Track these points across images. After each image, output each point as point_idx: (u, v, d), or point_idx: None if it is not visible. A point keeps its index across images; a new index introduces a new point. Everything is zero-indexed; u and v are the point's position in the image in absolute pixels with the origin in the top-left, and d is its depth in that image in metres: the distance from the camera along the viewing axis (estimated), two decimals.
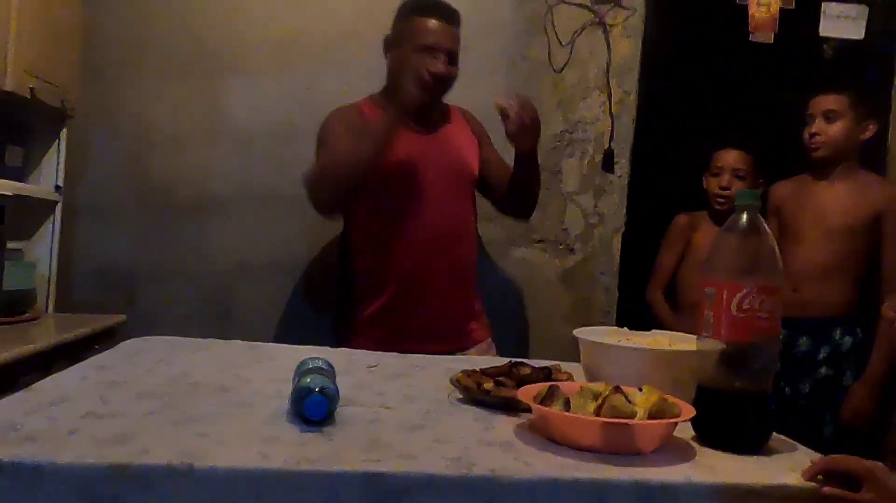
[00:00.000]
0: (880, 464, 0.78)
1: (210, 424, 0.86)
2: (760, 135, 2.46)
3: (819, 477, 0.79)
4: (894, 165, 2.62)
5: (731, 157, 2.13)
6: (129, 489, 0.70)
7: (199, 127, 2.51)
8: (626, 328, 1.27)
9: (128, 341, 1.41)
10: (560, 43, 2.52)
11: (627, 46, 2.53)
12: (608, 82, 2.52)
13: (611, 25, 2.53)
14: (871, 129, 1.97)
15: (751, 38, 2.54)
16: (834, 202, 1.99)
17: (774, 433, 0.95)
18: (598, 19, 2.52)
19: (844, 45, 2.60)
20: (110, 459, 0.71)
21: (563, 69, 2.53)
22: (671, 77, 2.61)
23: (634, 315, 2.44)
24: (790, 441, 0.96)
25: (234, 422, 0.88)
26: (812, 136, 1.99)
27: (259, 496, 0.71)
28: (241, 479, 0.71)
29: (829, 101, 1.98)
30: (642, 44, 2.54)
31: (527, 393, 0.93)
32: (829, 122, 1.96)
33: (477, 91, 2.55)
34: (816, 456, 0.87)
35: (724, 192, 2.11)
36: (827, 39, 2.60)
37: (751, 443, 0.90)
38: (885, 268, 1.93)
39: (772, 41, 2.55)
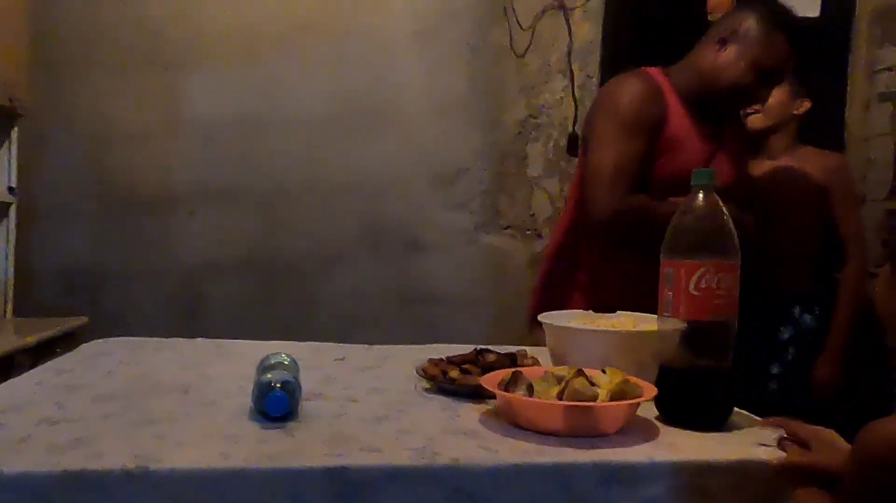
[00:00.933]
0: (827, 429, 0.80)
1: (170, 425, 0.84)
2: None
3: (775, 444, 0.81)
4: (852, 142, 2.67)
5: None
6: (84, 496, 0.68)
7: (160, 121, 2.47)
8: (591, 311, 1.28)
9: (88, 343, 1.38)
10: (521, 27, 2.52)
11: (588, 30, 2.54)
12: (570, 66, 2.53)
13: (571, 9, 2.53)
14: (804, 106, 2.01)
15: (709, 17, 2.56)
16: (775, 179, 1.99)
17: (736, 409, 0.96)
18: (558, 3, 2.52)
19: (801, 23, 2.63)
20: (64, 466, 0.69)
21: (525, 54, 2.53)
22: (632, 60, 2.62)
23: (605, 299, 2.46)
24: (752, 416, 0.98)
25: (195, 422, 0.87)
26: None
27: (220, 496, 0.70)
28: (201, 480, 0.70)
29: None
30: (603, 27, 2.55)
31: (491, 379, 0.93)
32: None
33: (439, 78, 2.54)
34: (778, 430, 0.88)
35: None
36: None
37: (712, 420, 0.91)
38: (844, 238, 1.94)
39: None
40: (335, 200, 2.50)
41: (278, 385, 0.87)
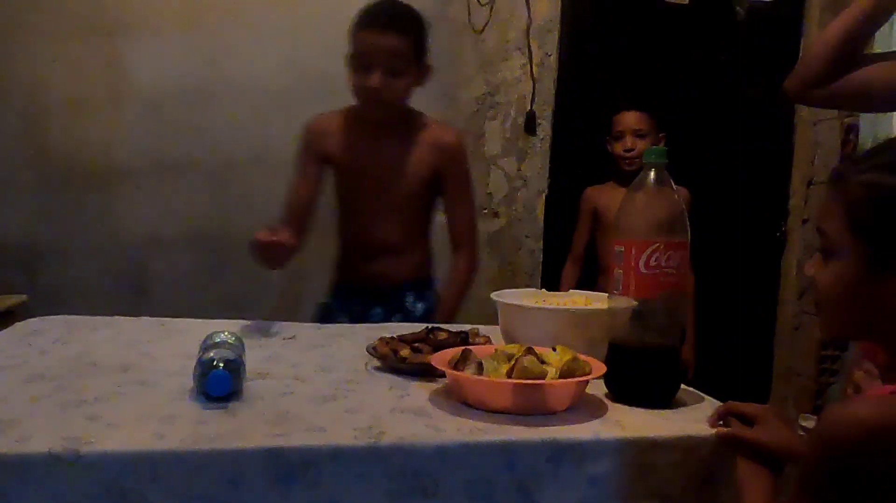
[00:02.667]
0: (773, 406, 0.82)
1: (104, 406, 0.81)
2: (671, 93, 2.53)
3: (720, 422, 0.82)
4: (802, 126, 2.73)
5: (629, 119, 2.20)
6: (9, 481, 0.65)
7: (101, 90, 2.36)
8: (544, 290, 1.28)
9: (23, 322, 1.32)
10: (480, 3, 2.49)
11: (547, 7, 2.52)
12: (528, 44, 2.51)
13: None
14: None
15: None
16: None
17: (683, 386, 0.98)
18: None
19: (755, 7, 2.67)
20: None
21: (483, 30, 2.49)
22: (591, 38, 2.62)
23: (560, 277, 2.48)
24: (699, 393, 0.99)
25: (132, 403, 0.83)
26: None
27: (155, 479, 0.67)
28: (134, 463, 0.67)
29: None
30: (562, 5, 2.53)
31: (441, 358, 0.92)
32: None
33: None
34: (720, 405, 0.90)
35: (628, 154, 2.17)
36: (740, 1, 2.66)
37: (660, 397, 0.92)
38: None
39: (687, 2, 2.59)
40: (287, 174, 2.43)
41: (221, 364, 0.84)
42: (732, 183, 2.67)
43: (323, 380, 0.98)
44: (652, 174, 0.93)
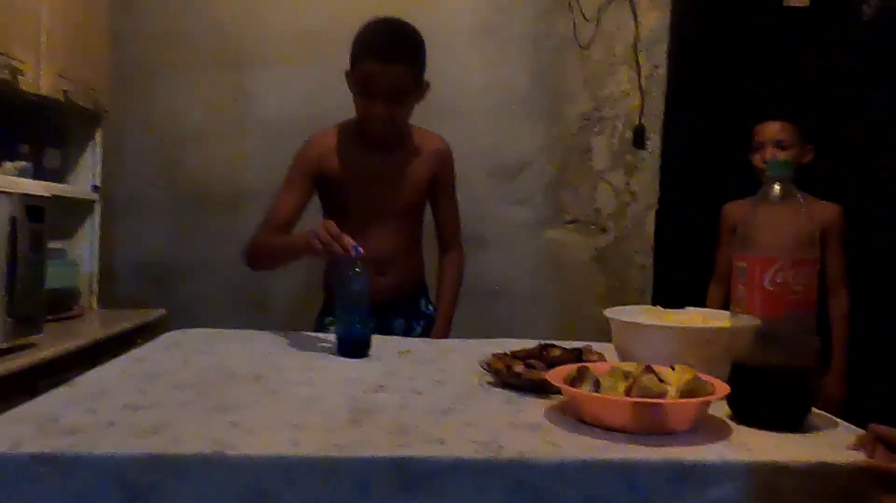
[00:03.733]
0: None
1: (242, 413, 0.87)
2: (802, 101, 2.38)
3: (862, 448, 0.77)
4: None
5: (770, 129, 2.07)
6: (165, 478, 0.71)
7: (229, 120, 2.55)
8: (658, 307, 1.25)
9: (166, 334, 1.45)
10: (585, 18, 2.48)
11: (655, 18, 2.48)
12: (636, 57, 2.47)
13: None
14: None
15: (784, 2, 2.46)
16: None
17: (815, 410, 0.92)
18: None
19: (884, 4, 2.49)
20: (146, 449, 0.73)
21: (589, 45, 2.48)
22: (702, 48, 2.54)
23: (672, 293, 2.39)
24: (831, 417, 0.94)
25: (266, 410, 0.90)
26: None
27: (290, 482, 0.72)
28: (272, 467, 0.72)
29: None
30: (671, 15, 2.48)
31: (556, 374, 0.92)
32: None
33: (501, 73, 2.53)
34: (860, 432, 0.84)
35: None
36: None
37: (788, 420, 0.88)
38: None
39: (808, 4, 2.46)
40: None
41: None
42: (881, 197, 2.47)
43: (439, 393, 1.00)
44: (776, 188, 0.90)
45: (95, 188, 2.36)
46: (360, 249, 1.28)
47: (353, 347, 1.24)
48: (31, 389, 1.52)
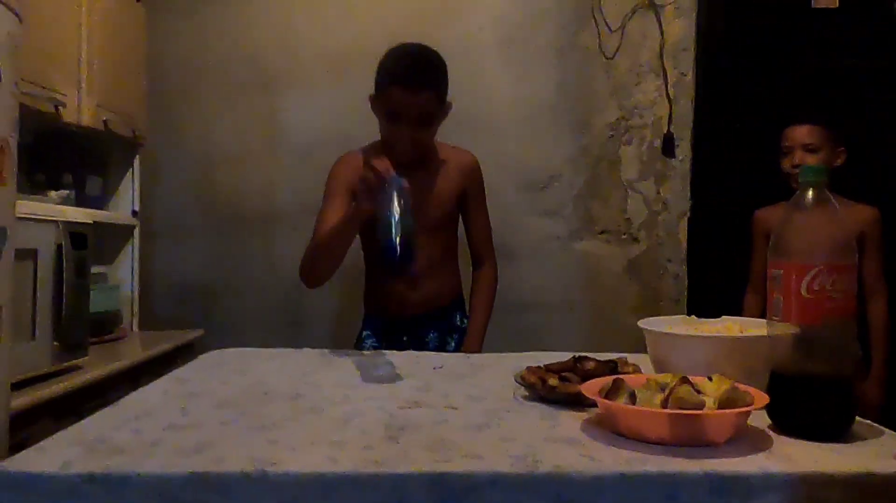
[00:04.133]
0: None
1: (282, 431, 0.89)
2: (833, 104, 2.33)
3: None
4: None
5: (799, 133, 2.04)
6: (209, 495, 0.73)
7: (261, 142, 2.61)
8: (694, 316, 1.24)
9: (206, 354, 1.48)
10: (610, 29, 2.48)
11: (681, 26, 2.47)
12: (663, 65, 2.46)
13: (661, 6, 2.47)
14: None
15: (813, 4, 2.42)
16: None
17: (859, 418, 0.90)
18: (648, 1, 2.46)
19: None
20: (190, 468, 0.75)
21: (614, 55, 2.48)
22: (730, 54, 2.52)
23: (707, 302, 2.36)
24: (875, 426, 0.91)
25: (305, 428, 0.91)
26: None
27: (328, 499, 0.73)
28: (312, 483, 0.73)
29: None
30: (696, 22, 2.46)
31: (591, 387, 0.92)
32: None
33: (527, 85, 2.54)
34: None
35: (796, 171, 2.02)
36: None
37: (831, 430, 0.86)
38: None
39: (836, 5, 2.43)
40: None
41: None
42: None
43: (474, 408, 1.01)
44: (810, 193, 0.89)
45: (135, 213, 2.43)
46: (403, 181, 1.25)
47: (397, 258, 1.16)
48: (77, 410, 1.57)
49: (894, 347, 2.01)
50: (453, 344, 1.79)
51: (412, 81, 1.60)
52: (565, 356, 1.18)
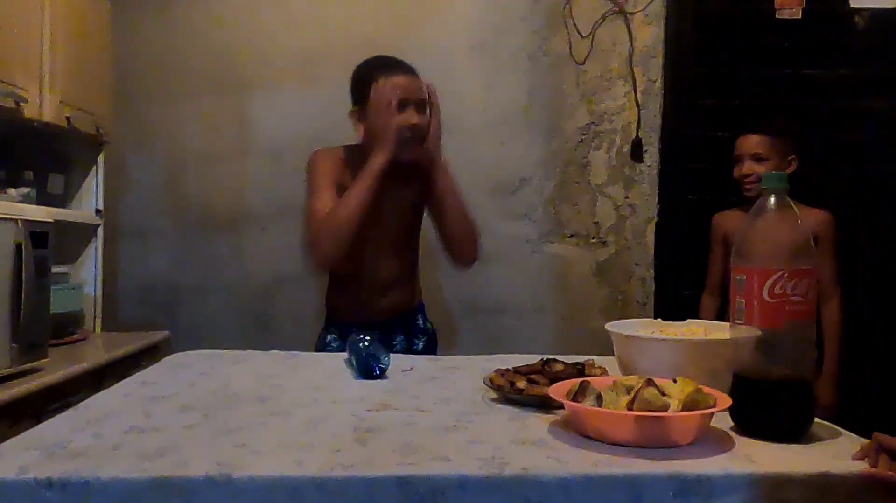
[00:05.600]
0: None
1: (247, 434, 0.88)
2: (796, 112, 2.39)
3: (866, 458, 0.77)
4: None
5: (748, 143, 2.09)
6: (171, 501, 0.72)
7: (230, 143, 2.57)
8: (660, 319, 1.26)
9: (171, 356, 1.45)
10: (581, 35, 2.51)
11: (650, 33, 2.50)
12: (632, 71, 2.50)
13: (631, 13, 2.51)
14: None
15: (777, 15, 2.48)
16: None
17: (817, 420, 0.93)
18: (617, 8, 2.50)
19: (877, 15, 2.52)
20: (153, 473, 0.73)
21: (585, 61, 2.51)
22: (698, 61, 2.56)
23: (674, 306, 2.40)
24: (834, 427, 0.94)
25: (271, 432, 0.90)
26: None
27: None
28: (278, 488, 0.72)
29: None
30: (665, 29, 2.50)
31: (559, 390, 0.93)
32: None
33: (498, 90, 2.55)
34: (863, 441, 0.84)
35: (746, 179, 2.07)
36: (858, 10, 2.52)
37: (791, 431, 0.88)
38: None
39: (800, 17, 2.49)
40: None
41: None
42: (876, 203, 2.48)
43: (443, 411, 1.01)
44: (772, 199, 0.91)
45: (98, 212, 2.38)
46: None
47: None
48: (37, 414, 1.53)
49: (847, 348, 2.06)
50: (421, 346, 1.79)
51: (407, 68, 1.67)
52: (534, 358, 1.19)
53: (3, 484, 0.72)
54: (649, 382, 0.88)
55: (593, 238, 2.54)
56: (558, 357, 1.18)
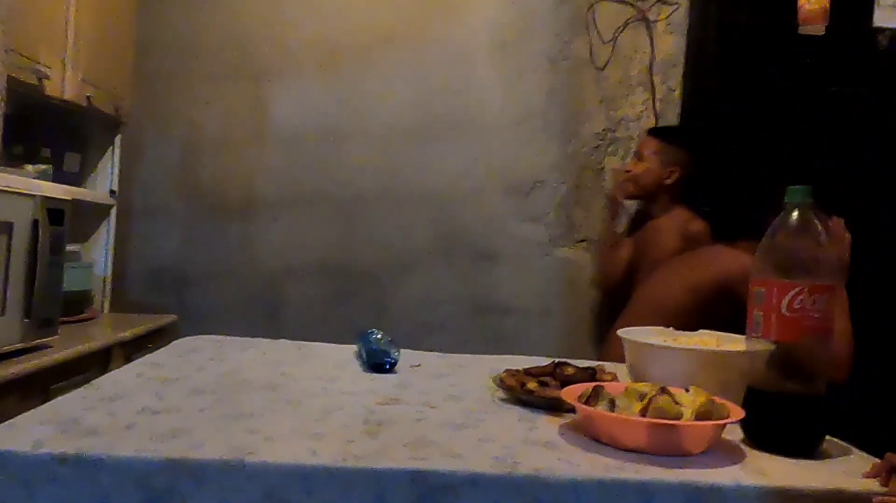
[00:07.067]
0: None
1: (259, 420, 0.88)
2: (816, 126, 2.38)
3: (877, 477, 0.77)
4: None
5: (641, 141, 2.22)
6: (185, 481, 0.72)
7: (246, 130, 2.57)
8: (671, 328, 1.25)
9: (180, 340, 1.46)
10: (602, 40, 2.50)
11: (671, 42, 2.50)
12: (651, 79, 2.49)
13: (654, 21, 2.50)
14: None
15: (799, 30, 2.47)
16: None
17: (828, 436, 0.92)
18: (640, 15, 2.49)
19: None
20: (166, 453, 0.74)
21: (605, 67, 2.50)
22: (718, 72, 2.55)
23: None
24: (845, 444, 0.94)
25: (283, 419, 0.90)
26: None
27: (309, 492, 0.73)
28: (291, 475, 0.73)
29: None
30: (687, 39, 2.50)
31: (571, 393, 0.93)
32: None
33: (517, 90, 2.55)
34: (874, 460, 0.84)
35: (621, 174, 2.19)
36: (881, 29, 2.51)
37: (803, 447, 0.88)
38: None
39: (823, 33, 2.47)
40: (411, 209, 2.55)
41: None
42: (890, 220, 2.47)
43: (452, 408, 1.01)
44: (795, 214, 0.90)
45: (112, 193, 2.39)
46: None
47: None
48: (44, 390, 1.53)
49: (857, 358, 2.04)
50: None
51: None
52: (543, 361, 1.19)
53: (18, 456, 0.72)
54: (663, 390, 0.88)
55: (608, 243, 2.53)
56: (569, 361, 1.18)
